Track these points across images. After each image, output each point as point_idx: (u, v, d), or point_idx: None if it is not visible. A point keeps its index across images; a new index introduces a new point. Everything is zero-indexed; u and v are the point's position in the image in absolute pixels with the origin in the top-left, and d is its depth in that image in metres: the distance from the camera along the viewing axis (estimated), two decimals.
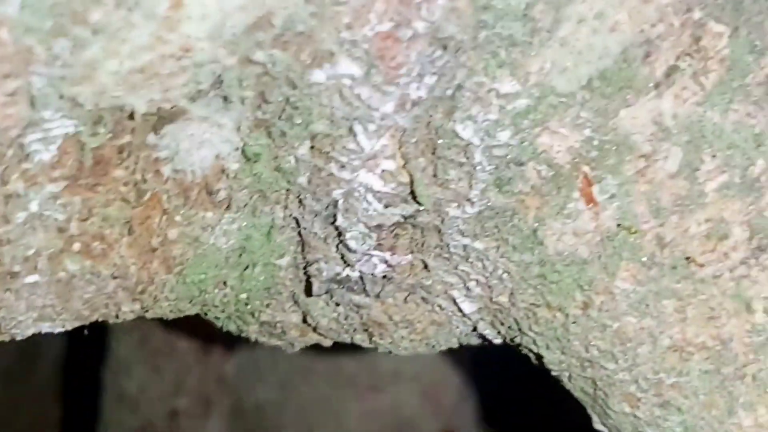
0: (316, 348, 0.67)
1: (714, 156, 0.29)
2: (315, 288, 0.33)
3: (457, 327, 0.35)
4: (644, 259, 0.30)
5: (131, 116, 0.28)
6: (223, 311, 0.35)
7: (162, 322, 0.69)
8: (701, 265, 0.30)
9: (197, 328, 0.65)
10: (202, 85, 0.27)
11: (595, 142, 0.28)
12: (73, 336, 0.96)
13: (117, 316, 0.34)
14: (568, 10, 0.26)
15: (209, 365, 0.69)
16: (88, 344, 0.82)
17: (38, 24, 0.23)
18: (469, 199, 0.29)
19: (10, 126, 0.25)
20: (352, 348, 0.68)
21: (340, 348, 0.70)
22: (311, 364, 0.69)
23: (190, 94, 0.27)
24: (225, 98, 0.28)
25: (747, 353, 0.31)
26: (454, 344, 0.38)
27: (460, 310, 0.34)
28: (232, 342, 0.65)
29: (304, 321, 0.36)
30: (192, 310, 0.35)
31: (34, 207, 0.28)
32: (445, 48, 0.26)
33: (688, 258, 0.30)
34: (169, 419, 0.80)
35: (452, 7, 0.25)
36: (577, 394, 0.34)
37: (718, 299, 0.31)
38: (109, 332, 0.72)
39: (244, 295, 0.33)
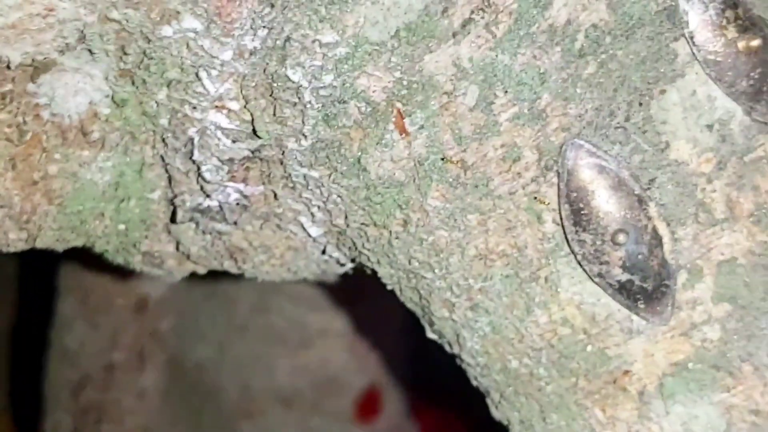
0: (250, 306, 0.72)
1: (506, 92, 0.34)
2: (179, 216, 0.37)
3: (312, 252, 0.40)
4: (451, 180, 0.35)
5: (9, 67, 0.32)
6: (107, 243, 0.40)
7: (101, 282, 0.73)
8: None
9: (133, 288, 0.69)
10: (68, 39, 0.32)
11: (405, 83, 0.32)
12: (23, 302, 1.00)
13: (8, 245, 0.38)
14: None
15: (144, 322, 0.73)
16: (37, 309, 0.86)
17: None
18: (303, 134, 0.34)
19: None
20: (284, 307, 0.73)
21: (272, 307, 0.74)
22: (245, 322, 0.73)
23: (59, 48, 0.32)
24: (91, 51, 0.33)
25: (540, 258, 0.36)
26: (315, 270, 0.42)
27: (309, 235, 0.38)
28: (168, 301, 0.70)
29: (178, 250, 0.40)
30: (78, 241, 0.39)
31: None
32: (272, 6, 0.31)
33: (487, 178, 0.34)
34: (105, 372, 0.83)
35: None
36: (409, 305, 0.39)
37: (513, 212, 0.35)
38: (55, 295, 0.76)
39: (122, 227, 0.38)
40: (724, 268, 0.32)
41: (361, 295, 0.73)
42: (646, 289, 0.32)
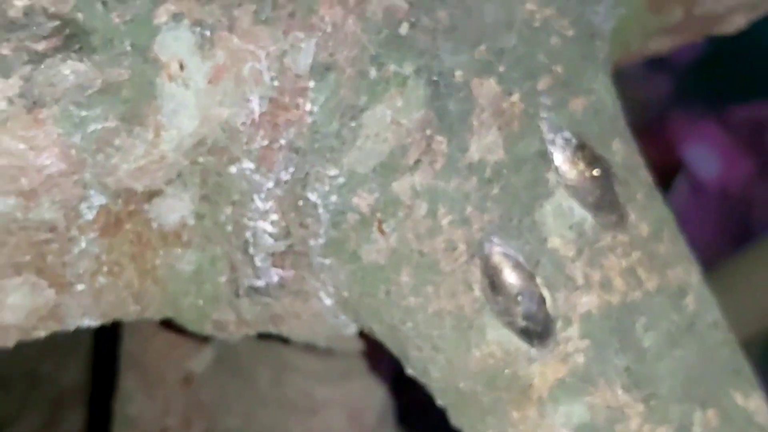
0: (269, 381, 0.88)
1: (444, 206, 0.51)
2: (239, 294, 0.55)
3: (328, 317, 0.57)
4: (414, 263, 0.53)
5: (135, 193, 0.51)
6: (189, 315, 0.57)
7: (155, 359, 0.90)
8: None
9: (181, 364, 0.86)
10: (171, 176, 0.50)
11: (382, 201, 0.50)
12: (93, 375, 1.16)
13: (127, 314, 0.56)
14: (361, 132, 0.49)
15: (190, 394, 0.88)
16: (101, 381, 1.02)
17: (87, 146, 0.46)
18: (319, 234, 0.52)
19: (73, 199, 0.48)
20: (296, 380, 0.89)
21: (287, 381, 0.90)
22: (265, 394, 0.88)
23: (166, 181, 0.50)
24: (184, 183, 0.51)
25: (473, 314, 0.54)
26: (329, 331, 0.59)
27: (325, 305, 0.56)
28: (207, 377, 0.86)
29: (238, 318, 0.57)
30: (170, 313, 0.57)
31: (83, 244, 0.50)
32: (297, 153, 0.50)
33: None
34: None
35: (299, 132, 0.49)
36: (393, 351, 0.56)
37: (454, 284, 0.53)
38: (116, 371, 0.91)
39: (200, 302, 0.55)
40: (584, 317, 0.49)
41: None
42: (538, 331, 0.50)
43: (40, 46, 0.42)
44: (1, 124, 0.42)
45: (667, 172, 1.87)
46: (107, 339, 0.85)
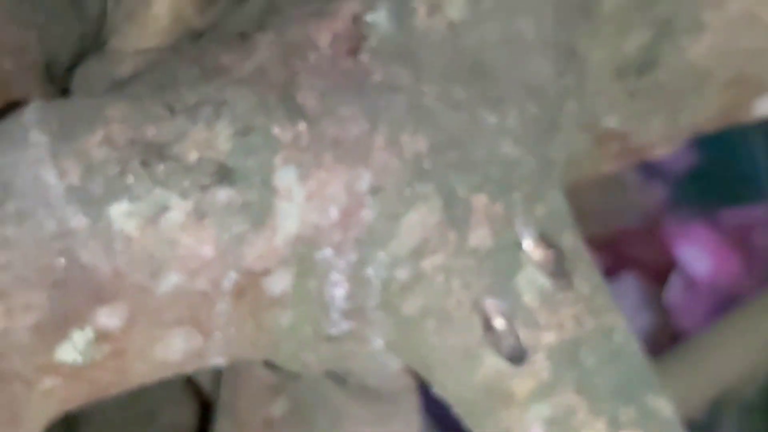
0: (328, 423, 1.14)
1: (455, 277, 0.78)
2: (320, 339, 0.80)
3: (378, 355, 0.82)
4: None
5: (255, 273, 0.77)
6: (285, 356, 0.82)
7: (244, 404, 1.15)
8: None
9: (264, 408, 1.10)
10: (279, 261, 0.77)
11: (414, 273, 0.77)
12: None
13: (246, 356, 0.81)
14: (400, 229, 0.76)
15: None
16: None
17: (230, 242, 0.74)
18: (373, 297, 0.78)
19: (219, 276, 0.75)
20: (346, 422, 1.14)
21: (340, 423, 1.16)
22: None
23: (275, 264, 0.77)
24: (286, 265, 0.78)
25: None
26: (381, 367, 0.84)
27: (377, 346, 0.81)
28: (284, 421, 1.10)
29: (318, 358, 0.83)
30: (272, 356, 0.82)
31: (222, 306, 0.77)
32: (359, 243, 0.76)
33: None
34: None
35: (361, 230, 0.76)
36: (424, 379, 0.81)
37: None
38: (214, 414, 1.16)
39: (293, 346, 0.80)
40: (546, 347, 0.75)
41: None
42: (517, 357, 0.74)
43: (206, 181, 0.70)
44: (182, 228, 0.70)
45: (662, 270, 2.13)
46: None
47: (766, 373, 1.71)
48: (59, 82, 0.81)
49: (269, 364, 0.88)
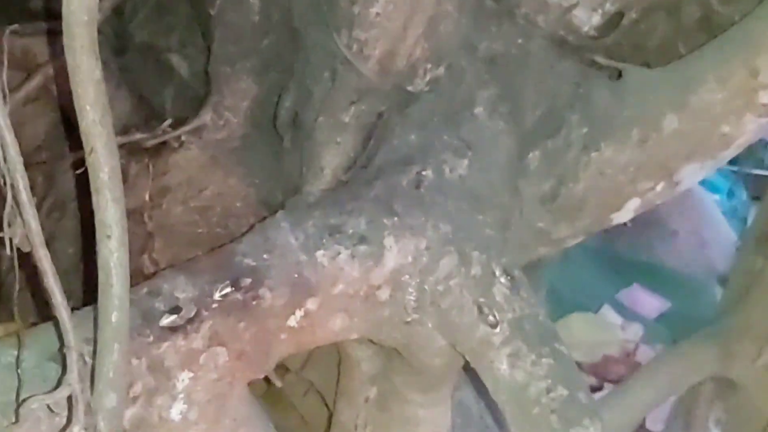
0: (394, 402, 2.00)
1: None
2: None
3: (438, 340, 1.68)
4: None
5: None
6: (383, 336, 1.69)
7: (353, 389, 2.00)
8: None
9: (363, 391, 1.93)
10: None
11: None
12: None
13: (365, 335, 1.69)
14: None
15: (367, 405, 1.93)
16: None
17: None
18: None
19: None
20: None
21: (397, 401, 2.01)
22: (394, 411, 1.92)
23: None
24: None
25: None
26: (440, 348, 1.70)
27: (436, 336, 1.67)
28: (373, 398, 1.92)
29: (400, 336, 1.69)
30: (379, 335, 1.69)
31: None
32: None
33: None
34: None
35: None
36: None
37: None
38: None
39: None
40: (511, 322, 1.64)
41: None
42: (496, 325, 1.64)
43: (354, 242, 1.62)
44: (345, 263, 1.61)
45: None
46: None
47: None
48: (274, 208, 1.74)
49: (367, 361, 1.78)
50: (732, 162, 4.01)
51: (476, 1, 1.78)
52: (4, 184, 1.22)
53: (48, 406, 1.27)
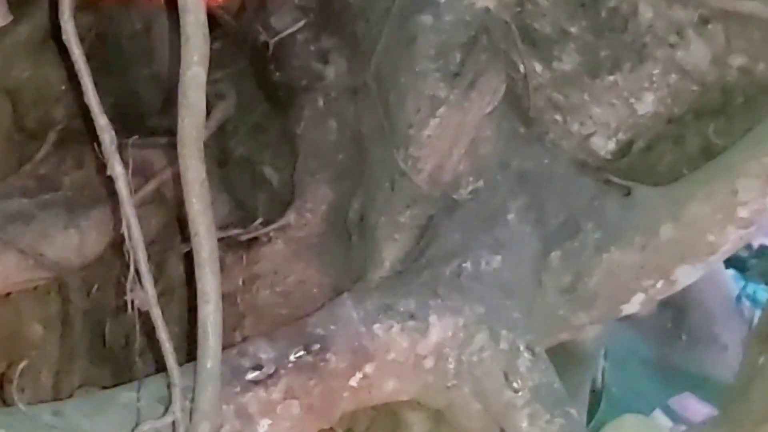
0: None
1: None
2: None
3: None
4: None
5: None
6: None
7: None
8: None
9: None
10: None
11: None
12: None
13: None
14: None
15: None
16: None
17: None
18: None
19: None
20: None
21: None
22: None
23: None
24: None
25: None
26: None
27: None
28: None
29: None
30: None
31: None
32: None
33: None
34: None
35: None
36: None
37: None
38: None
39: None
40: None
41: None
42: None
43: (404, 319, 2.01)
44: (396, 335, 2.00)
45: None
46: None
47: None
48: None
49: None
50: None
51: (511, 127, 2.19)
52: (129, 258, 1.66)
53: (156, 430, 1.66)
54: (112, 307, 2.49)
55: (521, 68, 2.16)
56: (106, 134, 1.69)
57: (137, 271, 1.67)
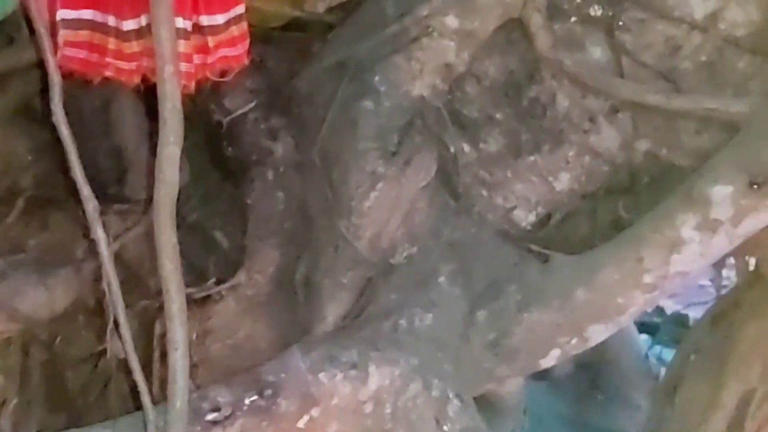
0: None
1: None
2: None
3: None
4: None
5: None
6: None
7: None
8: None
9: None
10: None
11: None
12: None
13: None
14: None
15: None
16: None
17: None
18: None
19: None
20: None
21: None
22: None
23: None
24: None
25: None
26: None
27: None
28: None
29: None
30: None
31: None
32: None
33: None
34: None
35: None
36: None
37: None
38: None
39: None
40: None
41: None
42: None
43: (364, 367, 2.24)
44: (350, 379, 2.23)
45: None
46: None
47: None
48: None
49: None
50: None
51: (442, 200, 2.46)
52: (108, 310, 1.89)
53: None
54: (71, 358, 2.67)
55: (451, 149, 2.42)
56: (90, 203, 1.93)
57: (116, 322, 1.89)
